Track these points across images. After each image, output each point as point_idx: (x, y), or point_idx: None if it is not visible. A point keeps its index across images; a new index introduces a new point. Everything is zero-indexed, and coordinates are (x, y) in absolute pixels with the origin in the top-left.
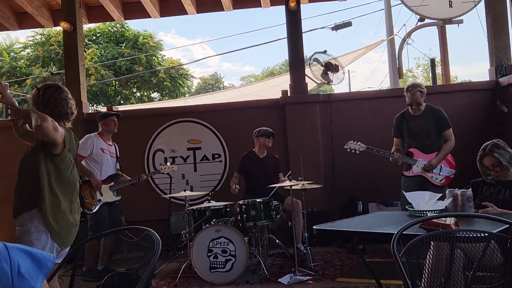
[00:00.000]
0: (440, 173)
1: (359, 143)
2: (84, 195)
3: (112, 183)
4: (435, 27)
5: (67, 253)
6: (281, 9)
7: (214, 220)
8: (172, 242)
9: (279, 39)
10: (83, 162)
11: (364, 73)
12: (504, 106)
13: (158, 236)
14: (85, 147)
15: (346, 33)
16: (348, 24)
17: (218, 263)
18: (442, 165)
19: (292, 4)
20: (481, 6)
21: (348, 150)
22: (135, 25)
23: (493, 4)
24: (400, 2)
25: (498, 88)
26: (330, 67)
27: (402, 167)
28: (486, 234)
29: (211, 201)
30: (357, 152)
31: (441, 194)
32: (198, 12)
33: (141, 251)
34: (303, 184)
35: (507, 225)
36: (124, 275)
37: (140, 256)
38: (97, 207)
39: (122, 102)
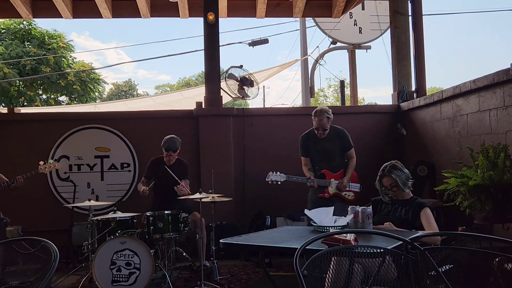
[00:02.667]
0: (351, 189)
1: (278, 173)
2: None
3: None
4: (346, 50)
5: None
6: (200, 20)
7: (119, 232)
8: (73, 254)
9: (196, 50)
10: None
11: (279, 90)
12: (404, 129)
13: (55, 247)
14: None
15: (263, 50)
16: (264, 41)
17: (121, 276)
18: (350, 182)
19: (211, 17)
20: (387, 35)
21: (270, 182)
22: (46, 24)
23: (398, 35)
24: (315, 25)
25: (400, 112)
26: (245, 82)
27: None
28: (382, 250)
29: (117, 211)
30: (278, 183)
31: (332, 208)
32: (114, 16)
33: (38, 263)
34: (213, 197)
35: (401, 242)
36: None
37: (37, 269)
38: None
39: (25, 103)
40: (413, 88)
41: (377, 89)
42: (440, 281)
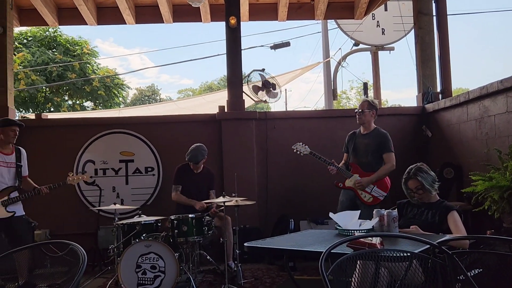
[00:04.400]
0: (371, 193)
1: (305, 146)
2: None
3: (6, 198)
4: (369, 52)
5: None
6: (222, 25)
7: (144, 235)
8: (99, 257)
9: (218, 55)
10: None
11: (301, 92)
12: (429, 131)
13: (83, 250)
14: None
15: (285, 53)
16: (286, 44)
17: (146, 279)
18: (375, 186)
19: (233, 21)
20: (411, 36)
21: (295, 151)
22: (71, 31)
23: (422, 35)
24: (337, 27)
25: (424, 113)
26: (267, 85)
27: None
28: (408, 254)
29: (142, 215)
30: (301, 154)
31: (359, 211)
32: (137, 22)
33: (65, 266)
34: (236, 201)
35: (428, 246)
36: None
37: (64, 271)
38: None
39: (52, 109)
40: (438, 89)
41: (401, 91)
42: (469, 285)
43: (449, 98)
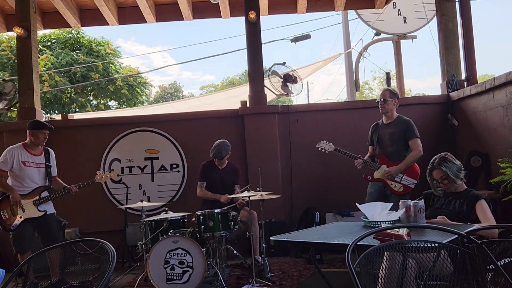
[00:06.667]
0: (401, 182)
1: (330, 143)
2: (4, 212)
3: (37, 197)
4: (391, 41)
5: (17, 267)
6: (241, 20)
7: (171, 231)
8: (128, 253)
9: (239, 50)
10: (9, 176)
11: (323, 84)
12: (455, 119)
13: (113, 248)
14: (5, 161)
15: (305, 45)
16: (307, 37)
17: (175, 274)
18: (405, 174)
19: (252, 16)
20: (434, 23)
21: (319, 149)
22: (93, 32)
23: (445, 22)
24: (357, 17)
25: (449, 102)
26: (289, 79)
27: (362, 173)
28: (436, 244)
29: (168, 211)
30: (326, 152)
31: (391, 204)
32: (157, 20)
33: (95, 263)
34: (261, 195)
35: (457, 236)
36: None
37: (95, 269)
38: (18, 224)
39: (77, 110)
40: (463, 77)
41: (424, 79)
42: (499, 275)
43: (475, 85)
